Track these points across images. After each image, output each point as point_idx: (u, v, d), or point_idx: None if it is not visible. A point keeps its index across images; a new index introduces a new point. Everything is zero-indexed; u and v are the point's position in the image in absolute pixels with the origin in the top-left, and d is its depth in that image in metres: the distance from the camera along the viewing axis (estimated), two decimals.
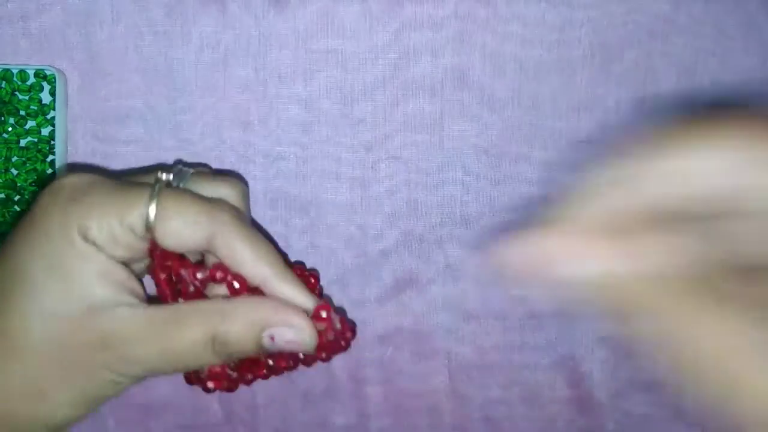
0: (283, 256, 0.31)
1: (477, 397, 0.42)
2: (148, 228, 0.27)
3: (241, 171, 0.40)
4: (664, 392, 0.42)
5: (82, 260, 0.27)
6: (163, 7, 0.39)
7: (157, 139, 0.39)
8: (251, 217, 0.34)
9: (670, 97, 0.39)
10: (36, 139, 0.39)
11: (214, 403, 0.42)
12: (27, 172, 0.39)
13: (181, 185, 0.30)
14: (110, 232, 0.27)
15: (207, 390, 0.30)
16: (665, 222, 0.20)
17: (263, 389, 0.41)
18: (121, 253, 0.28)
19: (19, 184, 0.39)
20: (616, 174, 0.22)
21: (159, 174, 0.30)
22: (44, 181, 0.39)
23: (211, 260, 0.30)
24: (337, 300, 0.41)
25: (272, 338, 0.27)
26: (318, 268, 0.41)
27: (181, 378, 0.41)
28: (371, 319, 0.41)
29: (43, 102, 0.39)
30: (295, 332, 0.27)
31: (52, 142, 0.39)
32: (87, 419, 0.30)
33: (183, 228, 0.27)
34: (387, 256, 0.40)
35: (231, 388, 0.30)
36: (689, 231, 0.20)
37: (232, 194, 0.31)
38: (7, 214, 0.39)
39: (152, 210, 0.27)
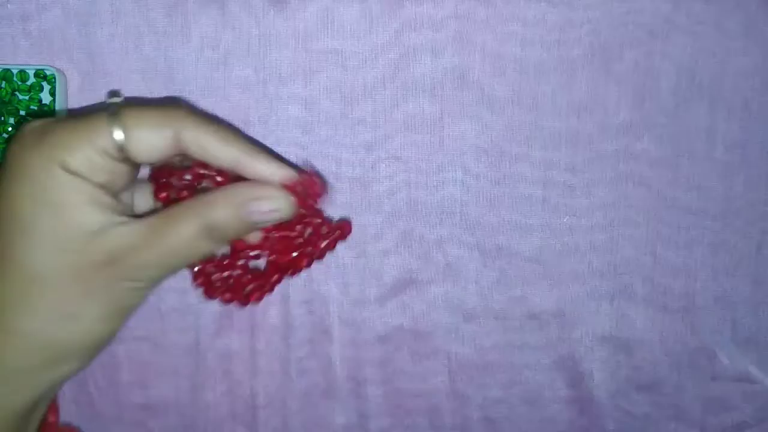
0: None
1: (477, 397, 0.42)
2: (120, 147, 0.29)
3: None
4: (664, 392, 0.42)
5: (70, 191, 0.28)
6: (163, 7, 0.39)
7: None
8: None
9: (670, 96, 0.40)
10: None
11: (214, 402, 0.42)
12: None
13: None
14: (88, 159, 0.29)
15: (210, 297, 0.33)
16: None
17: (263, 389, 0.41)
18: (104, 177, 0.29)
19: None
20: None
21: (109, 100, 0.31)
22: None
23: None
24: (338, 300, 0.41)
25: (254, 212, 0.30)
26: (318, 268, 0.41)
27: (181, 378, 0.41)
28: (371, 319, 0.41)
29: (43, 102, 0.39)
30: (271, 201, 0.30)
31: None
32: (85, 417, 0.30)
33: (149, 134, 0.29)
34: (387, 256, 0.40)
35: (242, 298, 0.34)
36: None
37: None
38: None
39: (117, 128, 0.29)
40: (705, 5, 0.39)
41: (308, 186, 0.31)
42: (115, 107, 0.29)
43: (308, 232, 0.33)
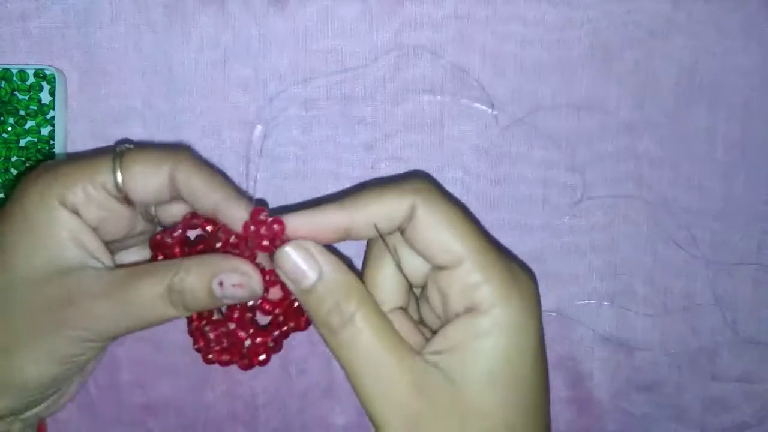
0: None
1: None
2: (118, 186, 0.29)
3: (241, 171, 0.40)
4: (664, 392, 0.42)
5: (57, 226, 0.29)
6: (162, 6, 0.39)
7: (157, 139, 0.39)
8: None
9: (671, 96, 0.39)
10: (35, 139, 0.39)
11: (214, 402, 0.42)
12: (26, 171, 0.39)
13: None
14: (84, 193, 0.29)
15: (207, 361, 0.31)
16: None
17: (263, 389, 0.41)
18: (97, 213, 0.30)
19: None
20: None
21: (120, 145, 0.31)
22: None
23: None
24: None
25: (221, 284, 0.29)
26: None
27: (181, 378, 0.41)
28: None
29: (43, 102, 0.39)
30: (240, 276, 0.29)
31: (52, 142, 0.39)
32: (85, 417, 0.30)
33: (147, 171, 0.29)
34: None
35: (231, 361, 0.31)
36: None
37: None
38: None
39: (117, 165, 0.29)
40: (705, 5, 0.39)
41: (268, 228, 0.29)
42: (123, 149, 0.30)
43: None
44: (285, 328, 0.31)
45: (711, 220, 0.40)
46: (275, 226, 0.29)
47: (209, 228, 0.31)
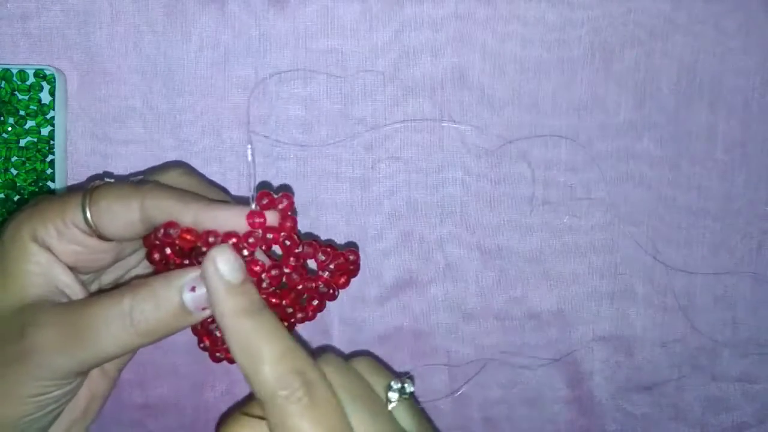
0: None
1: (477, 397, 0.42)
2: (88, 222, 0.29)
3: (241, 170, 0.40)
4: (664, 392, 0.42)
5: (26, 261, 0.28)
6: (162, 6, 0.39)
7: (157, 139, 0.39)
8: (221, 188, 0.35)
9: (671, 96, 0.39)
10: (35, 139, 0.39)
11: (213, 402, 0.42)
12: (26, 172, 0.39)
13: None
14: (56, 230, 0.29)
15: (216, 359, 0.31)
16: None
17: None
18: (70, 249, 0.29)
19: (18, 184, 0.39)
20: None
21: (92, 182, 0.31)
22: (43, 181, 0.39)
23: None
24: (338, 299, 0.41)
25: (193, 288, 0.27)
26: None
27: (180, 378, 0.41)
28: (371, 319, 0.41)
29: (43, 102, 0.39)
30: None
31: (52, 142, 0.39)
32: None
33: (114, 207, 0.29)
34: (387, 256, 0.40)
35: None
36: None
37: (173, 175, 0.32)
38: (6, 214, 0.39)
39: (86, 201, 0.29)
40: (705, 5, 0.39)
41: (281, 208, 0.29)
42: (94, 186, 0.30)
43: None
44: (292, 320, 0.31)
45: (711, 220, 0.40)
46: (283, 201, 0.29)
47: (188, 236, 0.28)
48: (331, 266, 0.30)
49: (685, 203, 0.40)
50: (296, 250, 0.29)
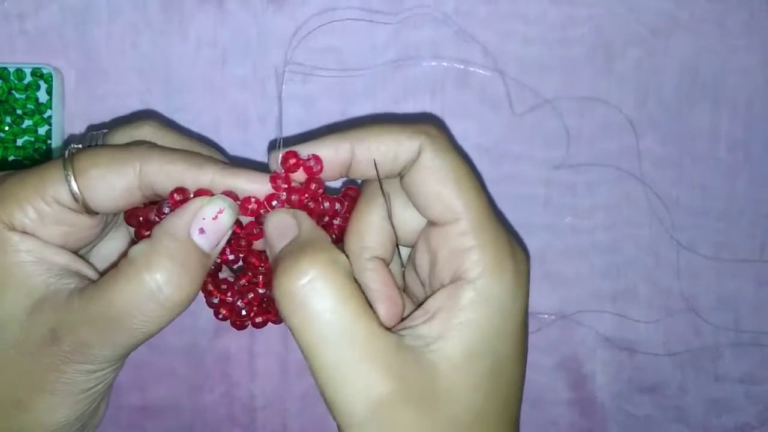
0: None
1: None
2: (74, 194, 0.25)
3: None
4: (666, 393, 0.41)
5: (14, 253, 0.25)
6: (160, 4, 0.38)
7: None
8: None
9: (673, 95, 0.39)
10: (33, 138, 0.39)
11: (212, 405, 0.41)
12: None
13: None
14: (37, 212, 0.25)
15: (240, 326, 0.30)
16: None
17: (262, 391, 0.41)
18: (57, 230, 0.26)
19: None
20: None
21: (69, 147, 0.27)
22: None
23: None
24: None
25: (201, 230, 0.25)
26: None
27: (179, 380, 0.41)
28: None
29: (40, 101, 0.38)
30: (213, 203, 0.25)
31: (49, 141, 0.39)
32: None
33: (107, 173, 0.25)
34: None
35: (239, 320, 0.30)
36: None
37: (150, 130, 0.29)
38: None
39: (69, 173, 0.25)
40: (708, 3, 0.39)
41: (306, 169, 0.27)
42: (70, 153, 0.26)
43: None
44: None
45: (714, 220, 0.40)
46: (311, 163, 0.26)
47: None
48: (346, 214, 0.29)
49: (688, 203, 0.40)
50: (320, 208, 0.27)
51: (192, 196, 0.26)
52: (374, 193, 0.27)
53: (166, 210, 0.27)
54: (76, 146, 0.27)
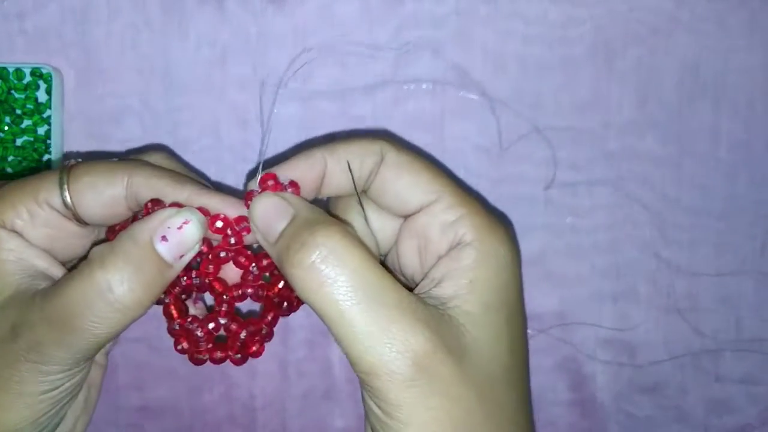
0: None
1: None
2: (65, 202, 0.27)
3: (239, 170, 0.39)
4: (667, 394, 0.41)
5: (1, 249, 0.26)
6: (159, 4, 0.38)
7: (154, 139, 0.39)
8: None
9: (674, 95, 0.39)
10: (32, 138, 0.39)
11: (211, 405, 0.41)
12: (23, 171, 0.39)
13: None
14: (28, 213, 0.27)
15: (197, 361, 0.29)
16: None
17: (262, 392, 0.41)
18: (44, 232, 0.27)
19: None
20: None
21: (70, 159, 0.29)
22: None
23: None
24: None
25: (164, 237, 0.26)
26: None
27: (178, 380, 0.41)
28: None
29: (40, 101, 0.38)
30: (181, 214, 0.26)
31: (49, 141, 0.38)
32: None
33: (98, 183, 0.27)
34: None
35: (198, 354, 0.29)
36: None
37: (157, 158, 0.30)
38: None
39: (63, 179, 0.26)
40: (708, 3, 0.38)
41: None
42: (71, 164, 0.28)
43: None
44: (279, 310, 0.29)
45: (714, 220, 0.40)
46: (289, 189, 0.26)
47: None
48: None
49: (688, 203, 0.40)
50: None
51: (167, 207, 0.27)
52: (345, 208, 0.28)
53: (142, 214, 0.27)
54: (77, 159, 0.28)
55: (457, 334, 0.24)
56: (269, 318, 0.29)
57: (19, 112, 0.38)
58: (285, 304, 0.29)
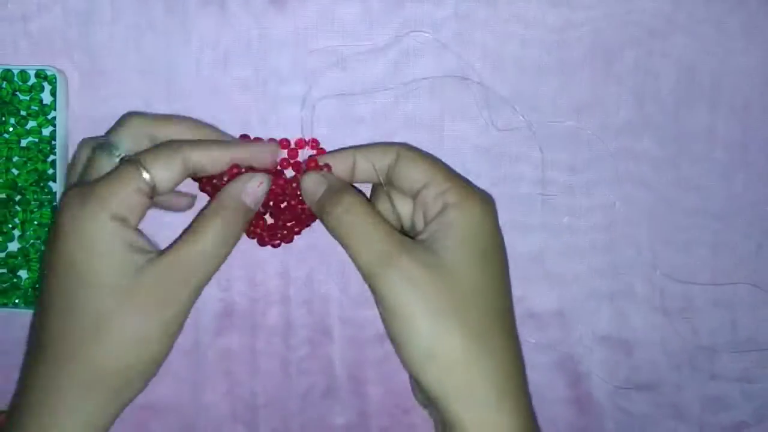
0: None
1: None
2: (149, 182, 0.33)
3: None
4: (663, 392, 0.42)
5: (113, 239, 0.32)
6: (163, 6, 0.39)
7: None
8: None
9: (671, 96, 0.39)
10: (37, 139, 0.39)
11: (214, 403, 0.42)
12: (28, 172, 0.39)
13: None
14: (127, 202, 0.32)
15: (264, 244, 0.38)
16: None
17: (263, 390, 0.42)
18: (137, 215, 0.33)
19: (19, 184, 0.39)
20: None
21: (115, 156, 0.35)
22: (45, 181, 0.39)
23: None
24: (338, 300, 0.41)
25: (248, 194, 0.34)
26: (318, 268, 0.41)
27: (181, 378, 0.41)
28: (371, 318, 0.41)
29: (44, 102, 0.39)
30: (255, 179, 0.35)
31: (53, 142, 0.39)
32: None
33: (167, 164, 0.33)
34: None
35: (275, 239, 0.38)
36: None
37: (188, 123, 0.37)
38: (7, 214, 0.39)
39: (142, 168, 0.33)
40: (705, 5, 0.39)
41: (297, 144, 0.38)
42: (128, 156, 0.34)
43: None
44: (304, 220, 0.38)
45: (711, 221, 0.40)
46: (324, 170, 0.36)
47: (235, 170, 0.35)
48: None
49: (685, 203, 0.40)
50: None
51: (243, 171, 0.35)
52: (378, 193, 0.37)
53: (225, 179, 0.35)
54: (128, 154, 0.35)
55: (435, 257, 0.32)
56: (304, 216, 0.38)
57: (23, 113, 0.39)
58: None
